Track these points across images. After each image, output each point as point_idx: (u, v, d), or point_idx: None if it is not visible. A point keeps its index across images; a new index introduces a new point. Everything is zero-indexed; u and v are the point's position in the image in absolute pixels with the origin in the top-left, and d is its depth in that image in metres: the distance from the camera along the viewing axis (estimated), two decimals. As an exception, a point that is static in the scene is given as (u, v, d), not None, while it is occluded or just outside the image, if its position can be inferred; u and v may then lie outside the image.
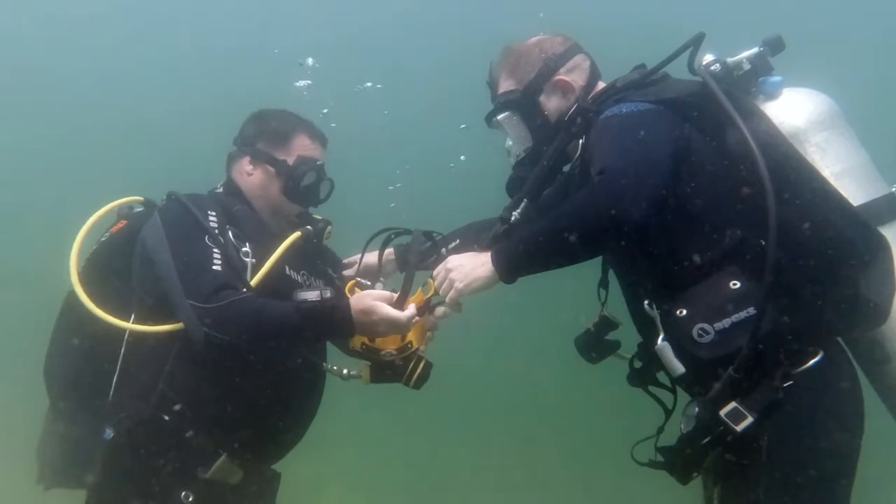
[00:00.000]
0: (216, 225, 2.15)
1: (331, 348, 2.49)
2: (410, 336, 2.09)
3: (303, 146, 2.45)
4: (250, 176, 2.43)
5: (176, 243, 2.09)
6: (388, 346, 2.08)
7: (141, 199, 2.39)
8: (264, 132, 2.46)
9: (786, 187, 1.82)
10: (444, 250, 2.45)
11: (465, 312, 2.15)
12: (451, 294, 2.01)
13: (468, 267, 1.99)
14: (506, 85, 2.28)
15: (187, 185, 2.35)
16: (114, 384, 2.14)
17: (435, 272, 2.11)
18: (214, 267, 2.05)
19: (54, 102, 8.91)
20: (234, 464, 2.16)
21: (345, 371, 2.24)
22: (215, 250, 2.09)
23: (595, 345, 2.41)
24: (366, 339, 2.07)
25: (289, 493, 2.52)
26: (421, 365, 2.16)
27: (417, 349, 2.13)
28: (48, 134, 8.84)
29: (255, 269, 2.14)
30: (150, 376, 2.11)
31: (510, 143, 2.35)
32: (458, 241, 2.55)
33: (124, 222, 2.30)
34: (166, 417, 2.07)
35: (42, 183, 8.45)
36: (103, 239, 2.29)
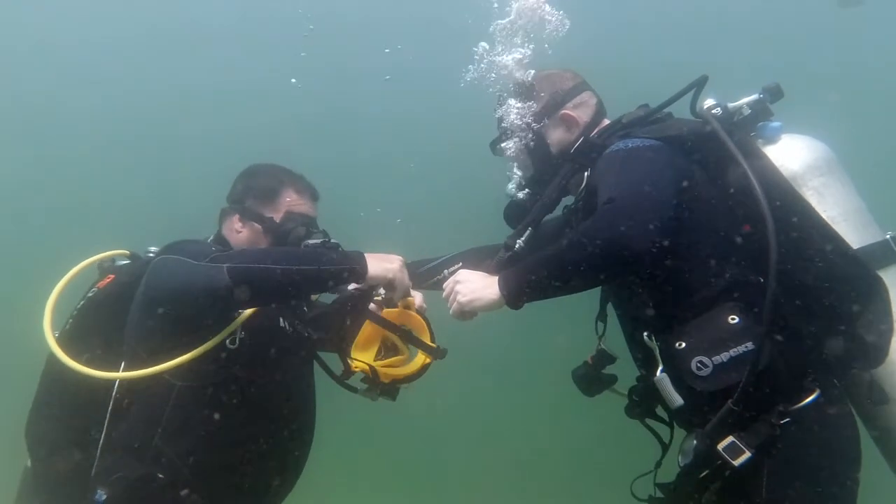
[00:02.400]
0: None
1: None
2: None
3: (290, 201, 2.45)
4: (240, 233, 2.42)
5: (181, 249, 2.07)
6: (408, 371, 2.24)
7: (127, 252, 2.34)
8: (252, 189, 2.46)
9: (786, 225, 1.87)
10: (446, 272, 2.47)
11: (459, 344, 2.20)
12: (454, 307, 2.05)
13: (475, 285, 2.02)
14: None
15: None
16: (101, 443, 2.04)
17: (445, 283, 2.14)
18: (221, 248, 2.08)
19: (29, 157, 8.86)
20: None
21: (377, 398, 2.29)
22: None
23: (592, 378, 2.42)
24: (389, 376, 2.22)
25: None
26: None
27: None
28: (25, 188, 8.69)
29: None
30: (144, 432, 2.03)
31: (512, 170, 2.41)
32: (460, 264, 2.58)
33: (112, 276, 2.24)
34: (161, 476, 1.98)
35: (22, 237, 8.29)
36: (90, 294, 2.22)
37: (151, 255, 2.25)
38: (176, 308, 1.99)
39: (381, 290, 2.23)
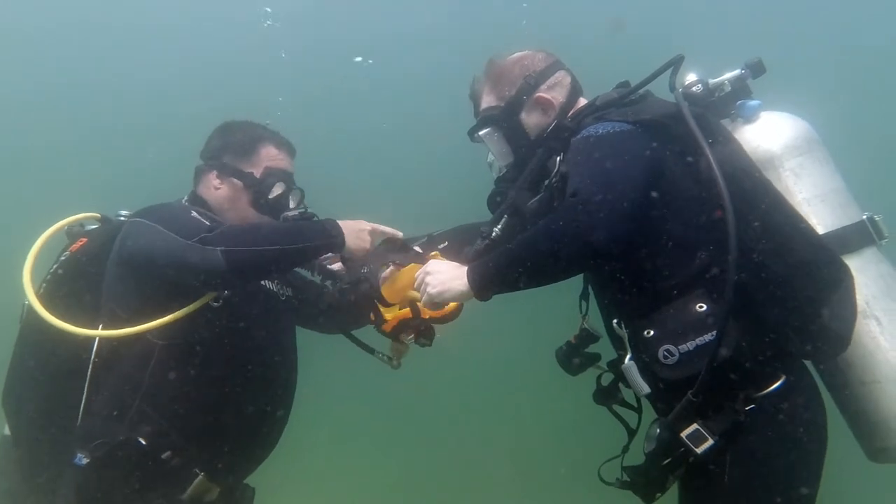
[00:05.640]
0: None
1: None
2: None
3: (269, 157, 2.44)
4: (218, 190, 2.41)
5: (164, 218, 2.10)
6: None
7: (97, 215, 2.35)
8: (230, 145, 2.44)
9: (752, 213, 1.85)
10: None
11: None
12: (424, 299, 2.06)
13: (445, 276, 2.02)
14: (487, 101, 2.31)
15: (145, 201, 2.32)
16: (82, 407, 2.08)
17: (416, 273, 2.15)
18: (207, 223, 2.13)
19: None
20: (210, 482, 2.13)
21: (395, 363, 2.39)
22: (205, 220, 2.16)
23: (575, 357, 2.43)
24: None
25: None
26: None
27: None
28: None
29: None
30: (124, 395, 2.06)
31: (491, 157, 2.38)
32: (446, 242, 2.58)
33: (84, 240, 2.27)
34: (142, 440, 2.02)
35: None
36: (63, 258, 2.24)
37: (123, 218, 2.28)
38: (161, 280, 2.05)
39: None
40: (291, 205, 2.47)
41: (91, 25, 9.19)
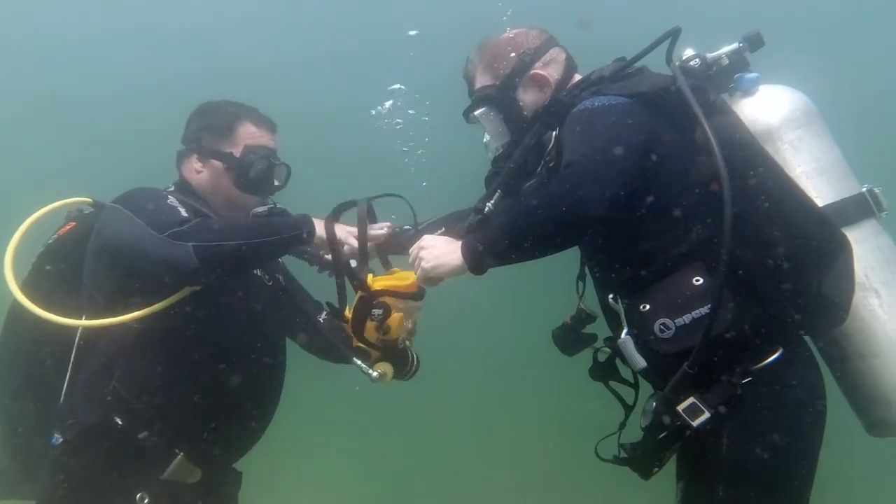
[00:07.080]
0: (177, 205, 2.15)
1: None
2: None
3: (248, 135, 2.38)
4: (200, 173, 2.37)
5: (138, 205, 2.05)
6: (397, 333, 2.27)
7: (90, 200, 2.33)
8: (207, 127, 2.40)
9: (749, 185, 1.83)
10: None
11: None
12: (419, 274, 2.04)
13: (438, 250, 2.00)
14: (482, 80, 2.28)
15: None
16: (65, 388, 2.07)
17: (410, 249, 2.12)
18: (183, 213, 2.06)
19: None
20: (191, 463, 2.11)
21: (374, 374, 2.32)
22: (181, 208, 2.10)
23: (571, 338, 2.42)
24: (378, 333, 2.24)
25: (251, 492, 2.50)
26: (415, 360, 2.46)
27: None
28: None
29: None
30: (102, 376, 2.05)
31: (488, 137, 2.35)
32: (442, 229, 2.55)
33: (73, 224, 2.26)
34: (118, 420, 2.01)
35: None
36: (50, 241, 2.24)
37: None
38: (133, 272, 2.03)
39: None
40: (276, 182, 2.43)
41: (80, 24, 9.20)
